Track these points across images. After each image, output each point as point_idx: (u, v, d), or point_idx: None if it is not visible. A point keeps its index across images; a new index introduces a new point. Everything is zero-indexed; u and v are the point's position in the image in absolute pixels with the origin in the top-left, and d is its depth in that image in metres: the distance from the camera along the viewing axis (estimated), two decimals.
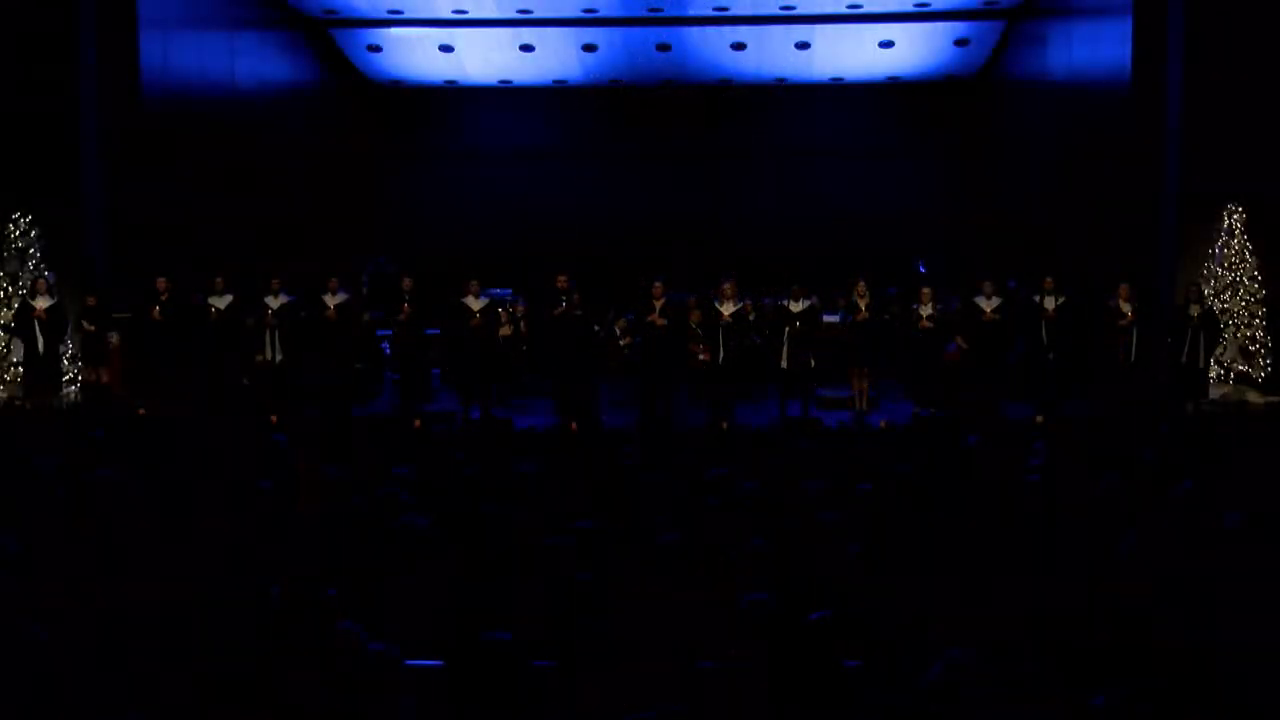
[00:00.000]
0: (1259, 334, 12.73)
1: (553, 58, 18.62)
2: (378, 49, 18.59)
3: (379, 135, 20.03)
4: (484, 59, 18.70)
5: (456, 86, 19.74)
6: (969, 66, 18.73)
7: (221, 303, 12.71)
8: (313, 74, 18.13)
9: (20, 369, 12.55)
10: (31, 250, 12.76)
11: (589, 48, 18.32)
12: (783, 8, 16.78)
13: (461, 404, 12.50)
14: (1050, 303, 12.45)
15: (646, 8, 16.77)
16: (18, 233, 12.73)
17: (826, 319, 12.97)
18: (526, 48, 18.29)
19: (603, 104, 19.96)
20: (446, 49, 18.44)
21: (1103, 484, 7.20)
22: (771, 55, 18.37)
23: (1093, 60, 14.02)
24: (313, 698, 4.02)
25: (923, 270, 17.12)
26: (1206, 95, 12.49)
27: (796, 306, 12.18)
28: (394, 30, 18.02)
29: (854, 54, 18.33)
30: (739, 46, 18.04)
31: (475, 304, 12.48)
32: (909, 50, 18.16)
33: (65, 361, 12.67)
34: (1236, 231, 12.74)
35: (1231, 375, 12.80)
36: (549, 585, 5.19)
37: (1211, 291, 12.71)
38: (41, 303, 12.28)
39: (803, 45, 18.01)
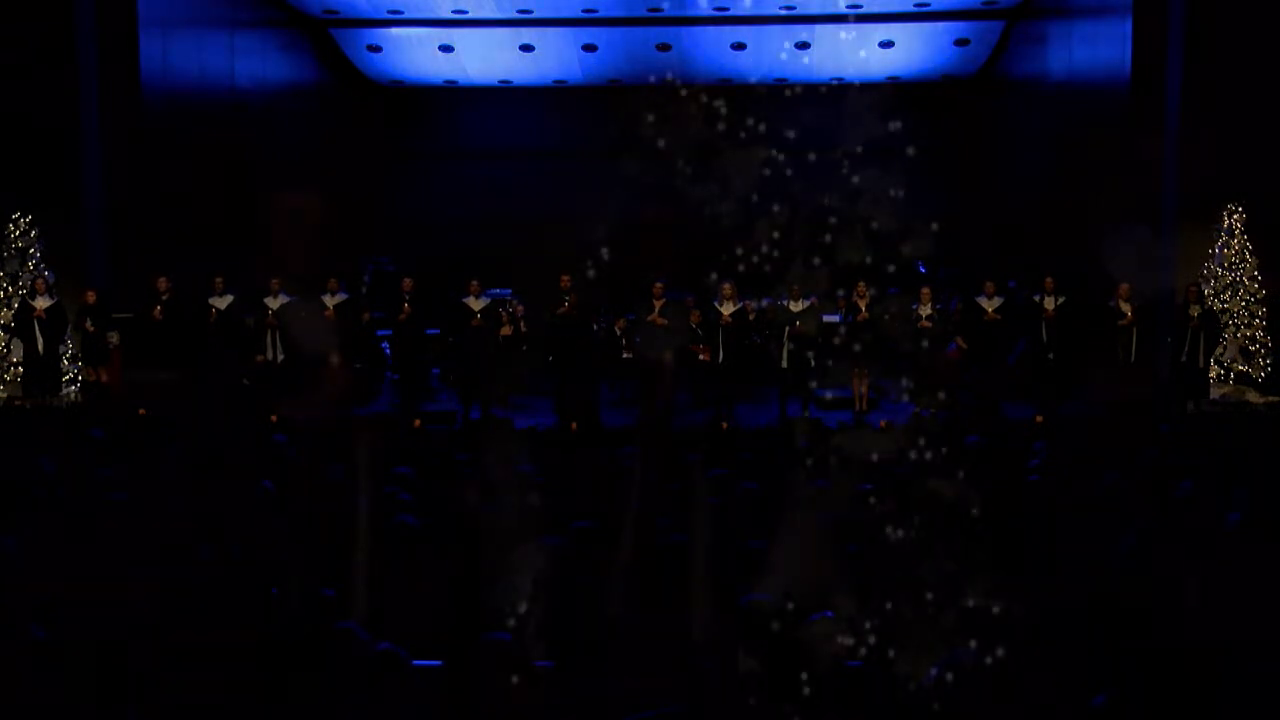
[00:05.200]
0: (1259, 334, 12.73)
1: (553, 58, 18.62)
2: (378, 49, 18.59)
3: (379, 135, 20.03)
4: (484, 59, 18.70)
5: (456, 86, 19.73)
6: (969, 66, 18.73)
7: (221, 303, 12.71)
8: (313, 74, 18.13)
9: (20, 369, 12.55)
10: (31, 250, 12.76)
11: (589, 48, 18.31)
12: (783, 8, 16.78)
13: (461, 404, 12.50)
14: (1050, 303, 12.45)
15: (646, 8, 16.77)
16: (18, 233, 12.73)
17: (826, 319, 12.97)
18: (526, 48, 18.29)
19: (602, 104, 19.95)
20: (446, 49, 18.44)
21: (1103, 484, 7.19)
22: (771, 55, 18.36)
23: (1092, 60, 14.01)
24: (313, 698, 4.02)
25: (923, 270, 17.11)
26: (1206, 95, 12.49)
27: (796, 306, 12.18)
28: (394, 30, 18.02)
29: (854, 54, 18.33)
30: (739, 46, 18.04)
31: (476, 304, 12.48)
32: (909, 50, 18.16)
33: (65, 361, 12.66)
34: (1236, 231, 12.74)
35: (1231, 375, 12.80)
36: (549, 585, 5.19)
37: (1211, 291, 12.71)
38: (41, 303, 12.28)
39: (803, 45, 18.01)
